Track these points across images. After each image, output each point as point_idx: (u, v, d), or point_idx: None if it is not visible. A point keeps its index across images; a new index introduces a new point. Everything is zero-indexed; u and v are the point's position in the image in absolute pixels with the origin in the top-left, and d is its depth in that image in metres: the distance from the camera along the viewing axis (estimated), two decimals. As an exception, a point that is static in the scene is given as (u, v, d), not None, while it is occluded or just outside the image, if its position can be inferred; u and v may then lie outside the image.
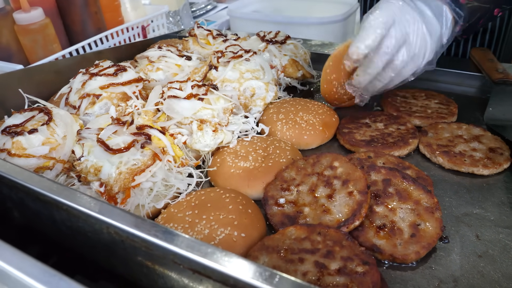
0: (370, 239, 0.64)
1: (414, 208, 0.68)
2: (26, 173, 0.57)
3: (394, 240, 0.63)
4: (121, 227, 0.46)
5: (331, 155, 0.77)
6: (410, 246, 0.62)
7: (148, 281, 0.57)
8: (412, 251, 0.61)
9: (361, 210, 0.65)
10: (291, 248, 0.60)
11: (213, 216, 0.66)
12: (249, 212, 0.68)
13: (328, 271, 0.56)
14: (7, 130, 0.79)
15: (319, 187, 0.72)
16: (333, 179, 0.72)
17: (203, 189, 0.75)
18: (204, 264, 0.41)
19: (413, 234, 0.63)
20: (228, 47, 1.12)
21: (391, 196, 0.70)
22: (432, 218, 0.66)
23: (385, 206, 0.68)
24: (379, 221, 0.66)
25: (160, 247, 0.44)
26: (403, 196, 0.69)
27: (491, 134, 0.89)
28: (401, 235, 0.64)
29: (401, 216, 0.67)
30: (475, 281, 0.59)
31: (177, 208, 0.70)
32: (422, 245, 0.62)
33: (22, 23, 1.22)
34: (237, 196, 0.71)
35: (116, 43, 1.48)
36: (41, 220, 0.67)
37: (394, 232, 0.64)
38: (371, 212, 0.68)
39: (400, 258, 0.61)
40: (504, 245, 0.65)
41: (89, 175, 0.73)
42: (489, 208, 0.72)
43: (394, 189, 0.71)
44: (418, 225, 0.65)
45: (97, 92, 0.92)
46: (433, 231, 0.64)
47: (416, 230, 0.64)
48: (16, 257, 0.44)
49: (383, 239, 0.64)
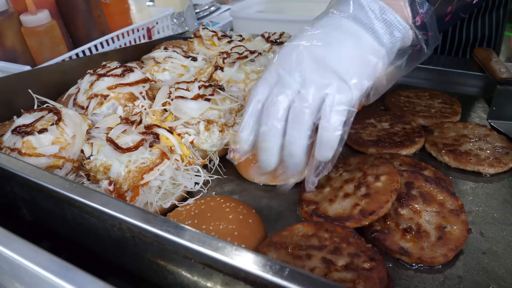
0: (397, 242, 0.64)
1: (439, 210, 0.68)
2: (39, 171, 0.58)
3: (421, 243, 0.63)
4: (134, 223, 0.47)
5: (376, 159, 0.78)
6: (438, 249, 0.62)
7: (157, 277, 0.58)
8: (440, 254, 0.61)
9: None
10: (298, 245, 0.61)
11: (212, 226, 0.66)
12: (249, 222, 0.68)
13: (335, 267, 0.57)
14: (17, 130, 0.80)
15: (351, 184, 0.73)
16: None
17: (203, 198, 0.74)
18: (215, 258, 0.42)
19: (440, 237, 0.64)
20: (233, 48, 1.13)
21: (415, 199, 0.70)
22: (458, 220, 0.66)
23: (410, 209, 0.68)
24: (405, 224, 0.66)
25: (172, 241, 0.45)
26: (427, 199, 0.70)
27: (497, 134, 0.89)
28: (428, 238, 0.64)
29: (426, 219, 0.67)
30: (479, 277, 0.60)
31: (177, 217, 0.70)
32: (449, 247, 0.62)
33: (29, 25, 1.23)
34: (237, 206, 0.70)
35: (122, 45, 1.50)
36: (52, 218, 0.68)
37: (421, 235, 0.64)
38: (397, 214, 0.68)
39: (428, 261, 0.61)
40: (508, 242, 0.65)
41: (98, 173, 0.75)
42: (494, 206, 0.73)
43: (417, 191, 0.71)
44: (444, 227, 0.65)
45: (105, 92, 0.93)
46: (460, 233, 0.64)
47: (443, 233, 0.64)
48: (32, 252, 0.45)
49: (410, 242, 0.64)
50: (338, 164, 0.78)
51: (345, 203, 0.69)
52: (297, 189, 0.78)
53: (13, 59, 1.26)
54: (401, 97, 1.08)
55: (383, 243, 0.64)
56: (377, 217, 0.65)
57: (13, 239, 0.48)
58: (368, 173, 0.73)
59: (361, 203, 0.67)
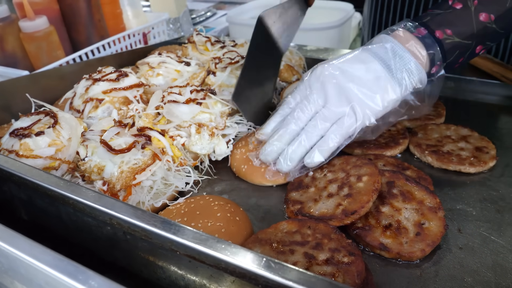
0: (377, 238, 0.67)
1: (418, 208, 0.71)
2: (35, 171, 0.61)
3: (400, 238, 0.66)
4: (123, 218, 0.50)
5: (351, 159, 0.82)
6: (416, 244, 0.65)
7: (148, 271, 0.61)
8: (417, 249, 0.64)
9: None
10: (282, 241, 0.64)
11: (201, 224, 0.68)
12: (237, 219, 0.70)
13: (316, 261, 0.60)
14: (15, 133, 0.83)
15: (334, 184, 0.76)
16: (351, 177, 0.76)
17: (193, 197, 0.77)
18: (198, 250, 0.45)
19: (418, 233, 0.66)
20: (225, 53, 1.16)
21: (396, 197, 0.73)
22: (435, 217, 0.69)
23: (391, 206, 0.72)
24: (385, 220, 0.69)
25: (158, 235, 0.48)
26: (407, 197, 0.73)
27: (478, 134, 0.93)
28: (406, 234, 0.67)
29: (406, 216, 0.70)
30: (455, 271, 0.63)
31: (167, 215, 0.73)
32: (427, 243, 0.65)
33: (28, 31, 1.27)
34: (225, 204, 0.73)
35: (118, 50, 1.53)
36: (48, 217, 0.71)
37: (400, 231, 0.67)
38: (378, 212, 0.71)
39: (406, 256, 0.64)
40: (484, 237, 0.69)
41: (92, 174, 0.78)
42: (472, 203, 0.76)
43: (398, 190, 0.74)
44: (423, 224, 0.68)
45: (100, 96, 0.96)
46: (437, 229, 0.67)
47: (421, 229, 0.67)
48: (30, 246, 0.48)
49: (390, 238, 0.66)
50: (323, 165, 0.81)
51: (329, 202, 0.72)
52: (284, 189, 0.81)
53: (13, 63, 1.29)
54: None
55: (364, 239, 0.67)
56: (358, 216, 0.68)
57: (12, 235, 0.51)
58: (351, 173, 0.76)
59: (344, 202, 0.70)
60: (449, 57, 0.80)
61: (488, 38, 0.82)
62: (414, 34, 0.80)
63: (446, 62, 0.81)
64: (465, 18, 0.79)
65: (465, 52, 0.81)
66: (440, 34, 0.79)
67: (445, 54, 0.80)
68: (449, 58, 0.81)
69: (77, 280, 0.44)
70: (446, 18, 0.80)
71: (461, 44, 0.80)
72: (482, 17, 0.78)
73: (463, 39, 0.79)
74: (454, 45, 0.80)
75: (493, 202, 0.76)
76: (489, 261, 0.64)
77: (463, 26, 0.79)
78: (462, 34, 0.79)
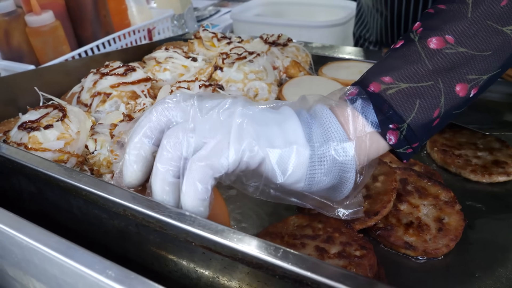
0: (401, 237, 0.66)
1: (435, 203, 0.71)
2: (46, 162, 0.61)
3: (424, 236, 0.66)
4: (138, 209, 0.50)
5: None
6: (440, 240, 0.65)
7: (159, 264, 0.61)
8: (442, 245, 0.64)
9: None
10: (293, 234, 0.64)
11: None
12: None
13: (328, 255, 0.60)
14: (23, 126, 0.83)
15: None
16: None
17: None
18: (214, 240, 0.45)
19: (440, 229, 0.66)
20: (232, 49, 1.16)
21: (412, 194, 0.73)
22: (453, 211, 0.69)
23: (408, 204, 0.71)
24: (406, 219, 0.69)
25: (174, 226, 0.48)
26: (422, 193, 0.72)
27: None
28: (429, 230, 0.67)
29: (425, 212, 0.70)
30: (466, 266, 0.63)
31: None
32: (450, 238, 0.65)
33: (33, 25, 1.27)
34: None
35: (123, 45, 1.53)
36: (58, 209, 0.71)
37: (422, 228, 0.67)
38: (397, 210, 0.70)
39: (432, 253, 0.64)
40: (494, 232, 0.69)
41: (102, 167, 0.78)
42: (481, 199, 0.76)
43: (412, 187, 0.74)
44: (442, 219, 0.68)
45: (108, 90, 0.96)
46: (457, 223, 0.67)
47: (442, 224, 0.67)
48: (51, 239, 0.48)
49: (413, 236, 0.66)
50: None
51: None
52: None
53: (19, 58, 1.30)
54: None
55: (388, 239, 0.66)
56: (381, 216, 0.68)
57: (25, 225, 0.51)
58: None
59: (364, 204, 0.69)
60: (404, 108, 0.53)
61: (466, 68, 0.54)
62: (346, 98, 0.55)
63: (407, 122, 0.53)
64: (410, 55, 0.54)
65: (434, 99, 0.54)
66: (375, 87, 0.54)
67: (390, 106, 0.53)
68: (408, 111, 0.53)
69: (93, 269, 0.44)
70: (384, 64, 0.56)
71: (416, 90, 0.53)
72: (433, 44, 0.53)
73: (415, 83, 0.53)
74: (404, 94, 0.53)
75: (503, 198, 0.76)
76: (500, 256, 0.64)
77: (409, 64, 0.54)
78: (410, 76, 0.53)
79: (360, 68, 1.22)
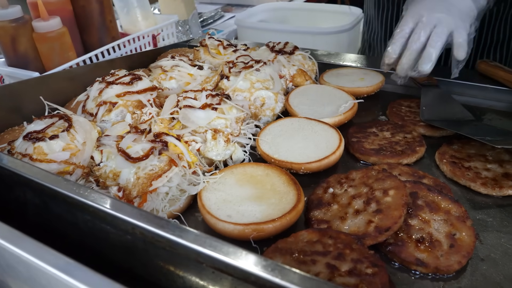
0: (412, 253, 0.65)
1: (446, 218, 0.69)
2: (52, 177, 0.60)
3: (435, 252, 0.65)
4: (148, 228, 0.49)
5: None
6: (452, 257, 0.64)
7: (167, 281, 0.60)
8: (454, 262, 0.63)
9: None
10: (303, 251, 0.63)
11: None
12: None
13: (339, 272, 0.59)
14: (28, 136, 0.82)
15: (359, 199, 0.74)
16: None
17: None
18: (226, 262, 0.44)
19: (451, 245, 0.65)
20: (238, 57, 1.15)
21: (422, 208, 0.71)
22: (465, 226, 0.68)
23: (419, 219, 0.70)
24: (417, 234, 0.68)
25: (184, 246, 0.47)
26: (433, 208, 0.71)
27: None
28: (440, 246, 0.65)
29: (435, 228, 0.68)
30: (478, 283, 0.62)
31: None
32: (462, 254, 0.64)
33: (41, 31, 1.26)
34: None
35: (128, 52, 1.53)
36: (63, 223, 0.70)
37: (433, 244, 0.66)
38: (407, 225, 0.69)
39: (444, 270, 0.63)
40: (505, 249, 0.68)
41: (108, 180, 0.77)
42: (492, 213, 0.75)
43: (423, 201, 0.72)
44: (454, 235, 0.67)
45: (114, 100, 0.96)
46: (469, 239, 0.66)
47: (454, 240, 0.66)
48: (60, 260, 0.47)
49: (425, 252, 0.65)
50: (341, 180, 0.80)
51: (358, 220, 0.70)
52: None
53: (24, 64, 1.29)
54: (402, 106, 1.10)
55: (398, 255, 0.65)
56: (392, 232, 0.66)
57: (32, 243, 0.50)
58: (375, 187, 0.74)
59: (374, 219, 0.68)
60: None
61: None
62: None
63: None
64: None
65: None
66: None
67: None
68: None
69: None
70: None
71: None
72: None
73: None
74: None
75: (514, 212, 0.75)
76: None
77: None
78: None
79: (360, 75, 1.22)
